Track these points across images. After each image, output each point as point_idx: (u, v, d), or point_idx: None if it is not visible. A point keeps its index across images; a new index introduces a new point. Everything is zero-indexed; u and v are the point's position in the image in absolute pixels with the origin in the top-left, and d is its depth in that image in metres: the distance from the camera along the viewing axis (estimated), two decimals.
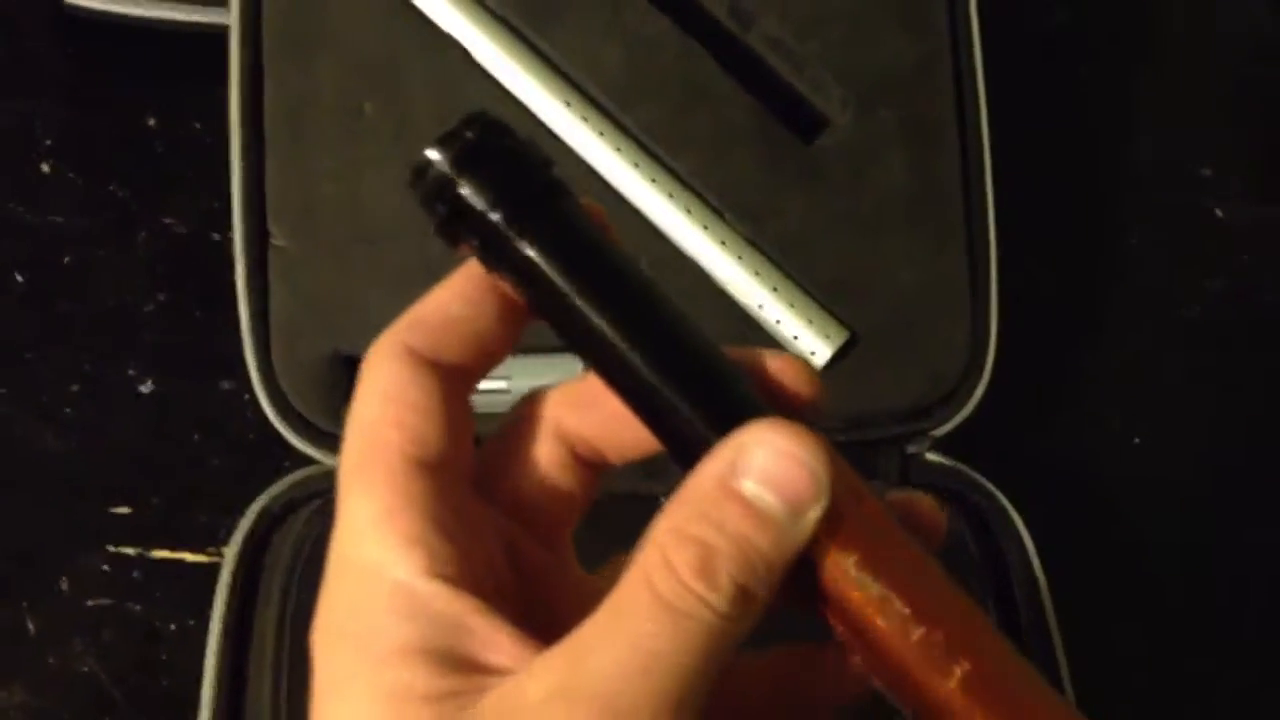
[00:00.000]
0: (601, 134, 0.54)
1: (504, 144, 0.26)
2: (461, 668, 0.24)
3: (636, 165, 0.54)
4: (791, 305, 0.53)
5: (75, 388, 0.59)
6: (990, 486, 0.54)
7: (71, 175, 0.61)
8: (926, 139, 0.55)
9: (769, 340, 0.53)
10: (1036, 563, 0.53)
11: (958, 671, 0.25)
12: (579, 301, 0.26)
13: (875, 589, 0.25)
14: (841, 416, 0.54)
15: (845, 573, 0.25)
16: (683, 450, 0.26)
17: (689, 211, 0.53)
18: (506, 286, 0.27)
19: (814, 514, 0.24)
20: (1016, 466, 0.56)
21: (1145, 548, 0.59)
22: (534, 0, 0.54)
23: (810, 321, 0.53)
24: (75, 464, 0.58)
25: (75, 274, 0.60)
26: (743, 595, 0.24)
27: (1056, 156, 0.64)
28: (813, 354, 0.53)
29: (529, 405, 0.29)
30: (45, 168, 0.62)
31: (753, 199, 0.54)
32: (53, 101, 0.62)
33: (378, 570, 0.25)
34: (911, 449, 0.55)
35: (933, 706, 0.25)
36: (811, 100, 0.55)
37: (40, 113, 0.62)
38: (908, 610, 0.25)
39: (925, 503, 0.28)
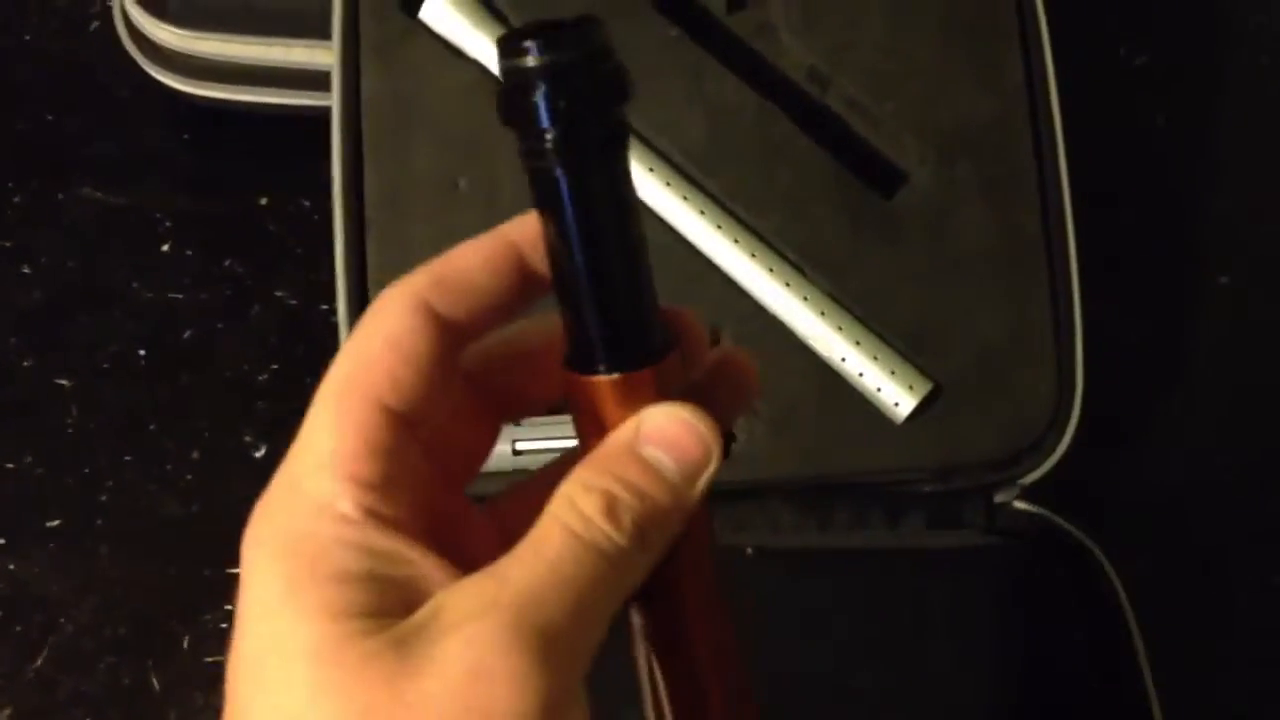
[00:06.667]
0: (685, 198, 0.55)
1: (590, 71, 0.27)
2: (398, 590, 0.27)
3: (720, 227, 0.55)
4: (874, 358, 0.54)
5: (195, 455, 0.62)
6: (1078, 534, 0.54)
7: (189, 253, 0.65)
8: (1006, 191, 0.55)
9: (853, 394, 0.54)
10: (1127, 605, 0.53)
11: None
12: (575, 235, 0.27)
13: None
14: (928, 466, 0.55)
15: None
16: (577, 355, 0.28)
17: (771, 270, 0.55)
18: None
19: (705, 480, 0.28)
20: (1107, 509, 0.56)
21: (1242, 589, 0.59)
22: None
23: (893, 373, 0.54)
24: (195, 527, 0.61)
25: (194, 347, 0.64)
26: (641, 535, 0.27)
27: (1141, 199, 0.64)
28: (897, 405, 0.54)
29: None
30: (165, 248, 0.65)
31: (834, 255, 0.55)
32: (169, 185, 0.66)
33: (330, 504, 0.27)
34: (999, 498, 0.55)
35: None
36: (889, 156, 0.56)
37: (158, 196, 0.66)
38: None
39: (741, 357, 0.31)
